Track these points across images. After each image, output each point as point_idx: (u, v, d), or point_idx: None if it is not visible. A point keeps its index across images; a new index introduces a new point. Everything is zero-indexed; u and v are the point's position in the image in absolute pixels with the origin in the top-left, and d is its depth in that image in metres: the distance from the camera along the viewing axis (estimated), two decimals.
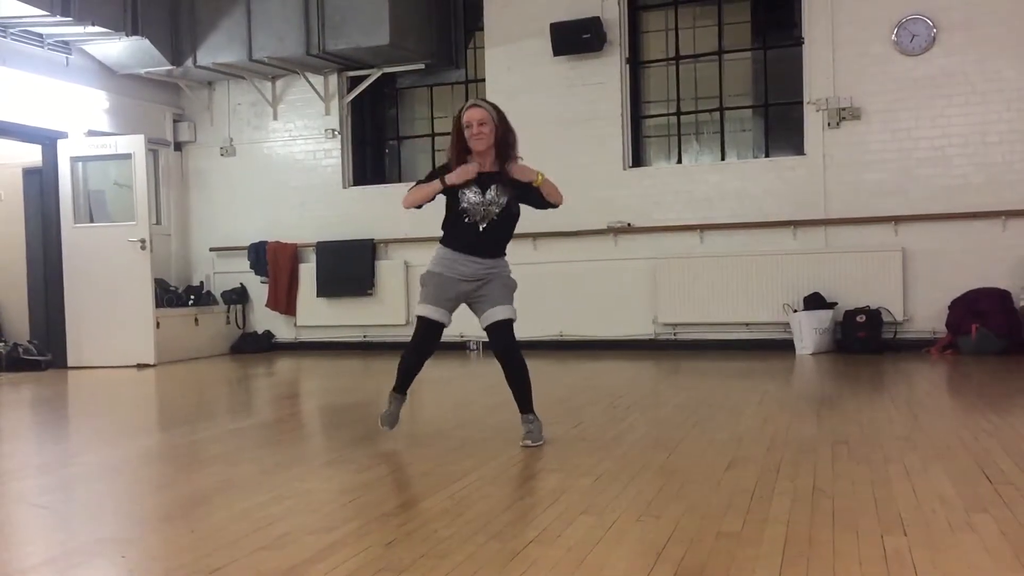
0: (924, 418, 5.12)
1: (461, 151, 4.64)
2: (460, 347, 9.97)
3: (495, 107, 4.64)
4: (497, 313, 4.64)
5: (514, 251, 10.51)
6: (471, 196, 4.62)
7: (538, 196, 4.68)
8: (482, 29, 10.13)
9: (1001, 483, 3.53)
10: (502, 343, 4.68)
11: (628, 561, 2.81)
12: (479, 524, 3.21)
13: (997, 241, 8.27)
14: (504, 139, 4.62)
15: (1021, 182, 8.22)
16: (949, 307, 8.22)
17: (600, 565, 2.76)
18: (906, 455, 4.07)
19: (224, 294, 10.94)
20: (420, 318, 4.77)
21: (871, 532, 2.97)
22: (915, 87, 8.52)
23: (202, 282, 11.11)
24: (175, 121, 11.19)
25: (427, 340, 4.80)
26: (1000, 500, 3.29)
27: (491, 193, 4.62)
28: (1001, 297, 8.05)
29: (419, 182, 4.79)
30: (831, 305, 8.57)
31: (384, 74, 10.42)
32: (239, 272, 10.93)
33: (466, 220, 4.64)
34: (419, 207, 4.79)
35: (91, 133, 9.94)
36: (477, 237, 4.65)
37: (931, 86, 8.47)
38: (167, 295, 10.42)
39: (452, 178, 4.60)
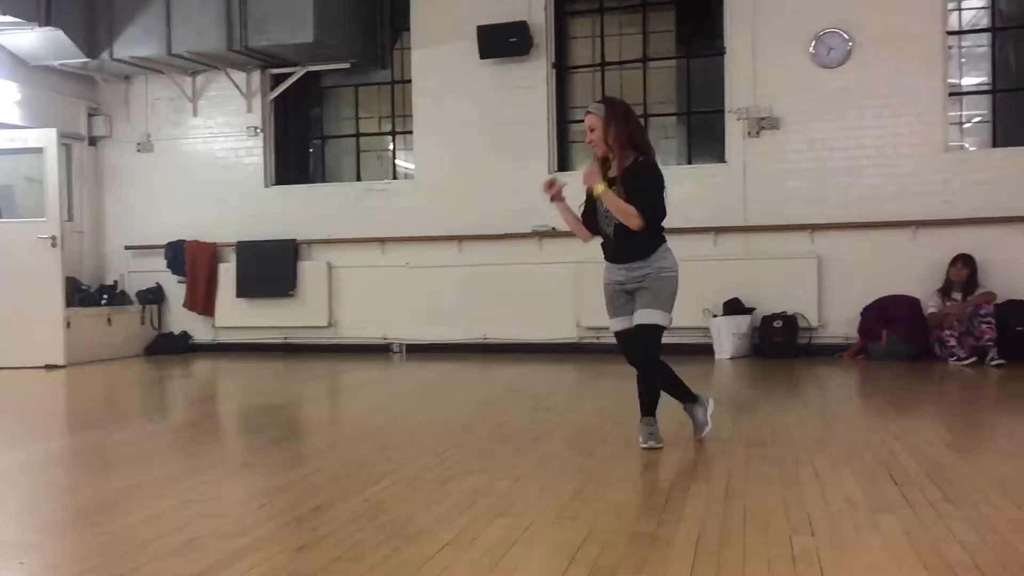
0: (835, 421, 5.25)
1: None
2: (384, 349, 9.90)
3: (610, 105, 4.57)
4: (635, 318, 4.58)
5: (439, 254, 10.53)
6: (598, 205, 4.57)
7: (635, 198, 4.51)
8: (409, 30, 10.07)
9: (906, 484, 3.63)
10: (631, 349, 4.63)
11: (542, 563, 2.81)
12: (394, 527, 3.18)
13: (907, 250, 8.53)
14: (617, 137, 4.50)
15: (930, 193, 8.50)
16: (861, 313, 8.45)
17: (514, 567, 2.75)
18: (816, 457, 4.16)
19: (139, 294, 10.65)
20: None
21: (780, 532, 3.02)
22: (831, 99, 8.74)
23: (116, 281, 10.79)
24: (90, 115, 10.86)
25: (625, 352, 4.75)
26: (904, 501, 3.39)
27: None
28: (911, 304, 8.30)
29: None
30: (749, 310, 8.74)
31: (308, 72, 10.28)
32: (155, 271, 10.64)
33: (602, 228, 4.62)
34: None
35: (0, 126, 9.58)
36: (610, 244, 4.59)
37: (846, 98, 8.70)
38: (79, 294, 10.10)
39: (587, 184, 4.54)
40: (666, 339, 9.53)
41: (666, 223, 4.69)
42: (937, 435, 4.84)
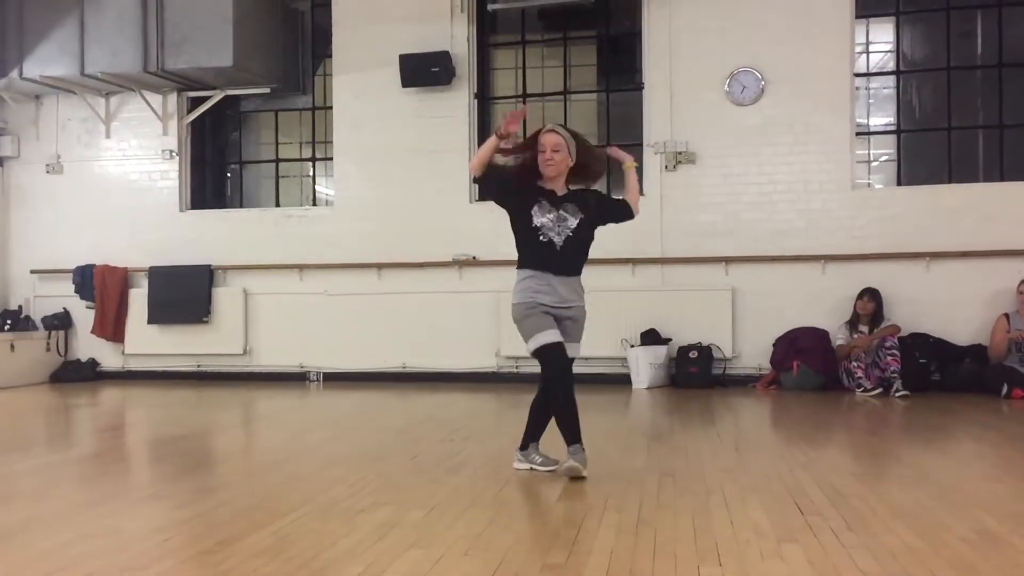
0: (746, 451, 5.34)
1: (525, 168, 4.57)
2: (301, 378, 9.75)
3: (573, 134, 4.61)
4: (573, 350, 4.69)
5: (358, 281, 10.42)
6: (543, 214, 4.56)
7: (617, 210, 4.85)
8: (331, 56, 10.03)
9: (811, 514, 3.71)
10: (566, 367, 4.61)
11: None
12: (301, 561, 3.11)
13: (817, 283, 8.78)
14: (586, 165, 4.65)
15: (839, 229, 8.78)
16: (773, 345, 8.65)
17: None
18: (726, 486, 4.23)
19: (45, 319, 10.30)
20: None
21: (688, 562, 3.05)
22: (745, 135, 8.98)
23: (20, 306, 10.43)
24: None
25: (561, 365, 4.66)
26: (809, 530, 3.45)
27: (564, 211, 4.57)
28: (820, 336, 8.53)
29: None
30: (666, 341, 8.86)
31: (227, 96, 10.15)
32: (63, 296, 10.32)
33: (541, 238, 4.55)
34: (486, 173, 4.52)
35: None
36: (555, 254, 4.58)
37: (759, 135, 8.95)
38: None
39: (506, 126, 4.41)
40: (584, 368, 9.58)
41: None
42: (843, 464, 4.97)
